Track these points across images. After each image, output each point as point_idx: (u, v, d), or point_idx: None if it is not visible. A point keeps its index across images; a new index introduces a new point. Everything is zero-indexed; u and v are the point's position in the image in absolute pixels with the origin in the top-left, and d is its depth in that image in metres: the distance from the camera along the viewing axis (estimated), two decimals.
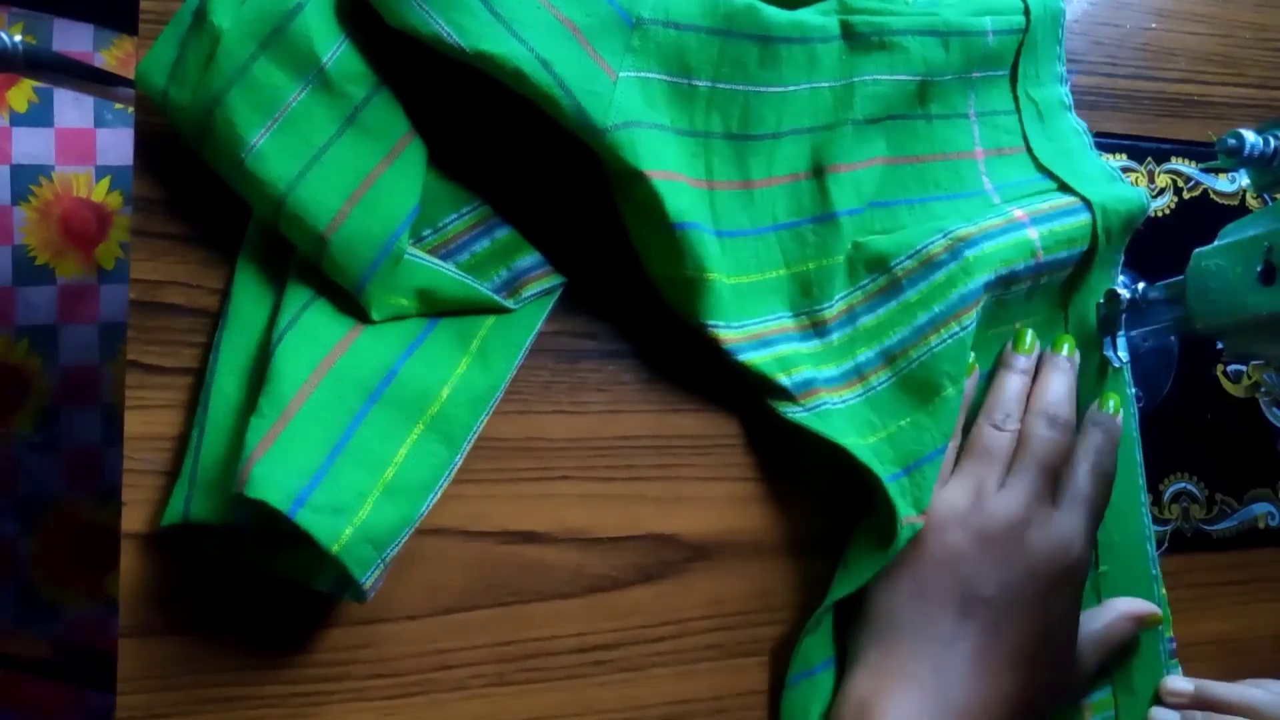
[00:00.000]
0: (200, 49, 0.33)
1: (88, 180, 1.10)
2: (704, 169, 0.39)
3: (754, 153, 0.40)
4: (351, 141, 0.34)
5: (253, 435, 0.31)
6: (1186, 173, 0.49)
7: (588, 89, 0.34)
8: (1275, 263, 0.35)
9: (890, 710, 0.35)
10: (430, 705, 0.36)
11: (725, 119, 0.39)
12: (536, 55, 0.33)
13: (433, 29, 0.33)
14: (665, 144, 0.37)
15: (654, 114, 0.37)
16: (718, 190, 0.39)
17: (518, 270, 0.38)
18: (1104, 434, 0.40)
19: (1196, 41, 0.51)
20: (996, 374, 0.41)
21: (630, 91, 0.35)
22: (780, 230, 0.41)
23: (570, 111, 0.34)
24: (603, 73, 0.35)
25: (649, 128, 0.36)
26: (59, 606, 1.07)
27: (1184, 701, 0.42)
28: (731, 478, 0.40)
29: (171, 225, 0.36)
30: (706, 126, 0.39)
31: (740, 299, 0.39)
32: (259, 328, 0.35)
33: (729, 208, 0.40)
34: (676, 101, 0.37)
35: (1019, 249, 0.40)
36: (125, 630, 0.34)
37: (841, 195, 0.41)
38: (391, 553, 0.32)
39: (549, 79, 0.33)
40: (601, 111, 0.34)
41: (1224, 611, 0.47)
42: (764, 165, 0.40)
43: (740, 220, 0.40)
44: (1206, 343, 0.47)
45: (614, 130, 0.35)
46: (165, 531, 0.34)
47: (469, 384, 0.36)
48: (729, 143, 0.39)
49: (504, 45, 0.33)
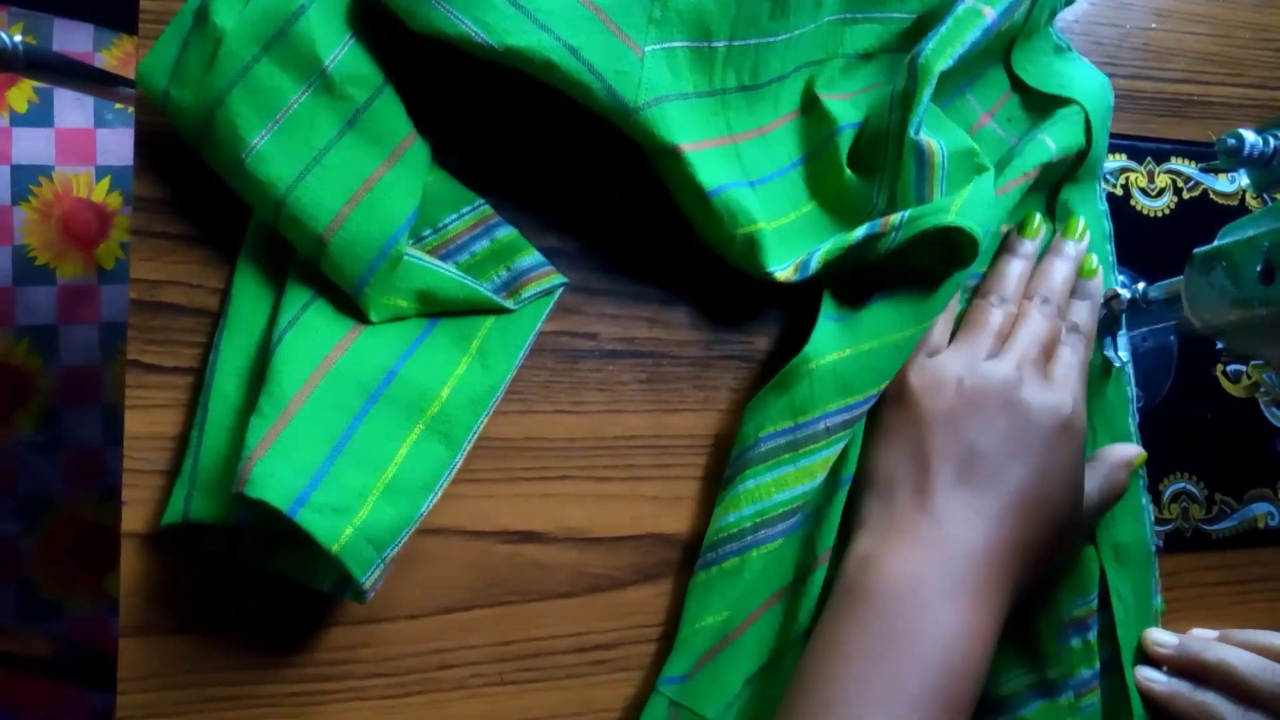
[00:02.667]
0: (202, 50, 0.33)
1: (88, 180, 1.10)
2: (724, 125, 0.40)
3: (762, 99, 0.41)
4: (352, 144, 0.34)
5: (253, 435, 0.31)
6: (1186, 173, 0.49)
7: (617, 69, 0.35)
8: (1275, 263, 0.35)
9: (893, 561, 0.35)
10: (430, 705, 0.36)
11: (739, 74, 0.40)
12: (564, 43, 0.34)
13: (460, 29, 0.33)
14: (691, 111, 0.38)
15: (679, 83, 0.37)
16: (740, 142, 0.40)
17: (518, 270, 0.38)
18: (1086, 308, 0.42)
19: (1196, 42, 0.51)
20: (999, 256, 0.43)
21: (657, 65, 0.36)
22: (798, 166, 0.42)
23: (602, 95, 0.34)
24: (630, 50, 0.35)
25: (675, 99, 0.37)
26: (60, 606, 1.07)
27: (1168, 653, 0.42)
28: None
29: (172, 225, 0.36)
30: (723, 84, 0.39)
31: (784, 240, 0.40)
32: (259, 328, 0.35)
33: (753, 156, 0.40)
34: (698, 66, 0.38)
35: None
36: (126, 630, 0.34)
37: (842, 112, 0.42)
38: (391, 552, 0.32)
39: (579, 66, 0.34)
40: (632, 91, 0.35)
41: (1223, 611, 0.47)
42: (771, 108, 0.41)
43: (765, 166, 0.41)
44: (1206, 343, 0.47)
45: (645, 109, 0.35)
46: (165, 531, 0.34)
47: (469, 384, 0.36)
48: (741, 95, 0.40)
49: (532, 38, 0.33)
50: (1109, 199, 0.46)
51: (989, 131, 0.45)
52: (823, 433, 0.37)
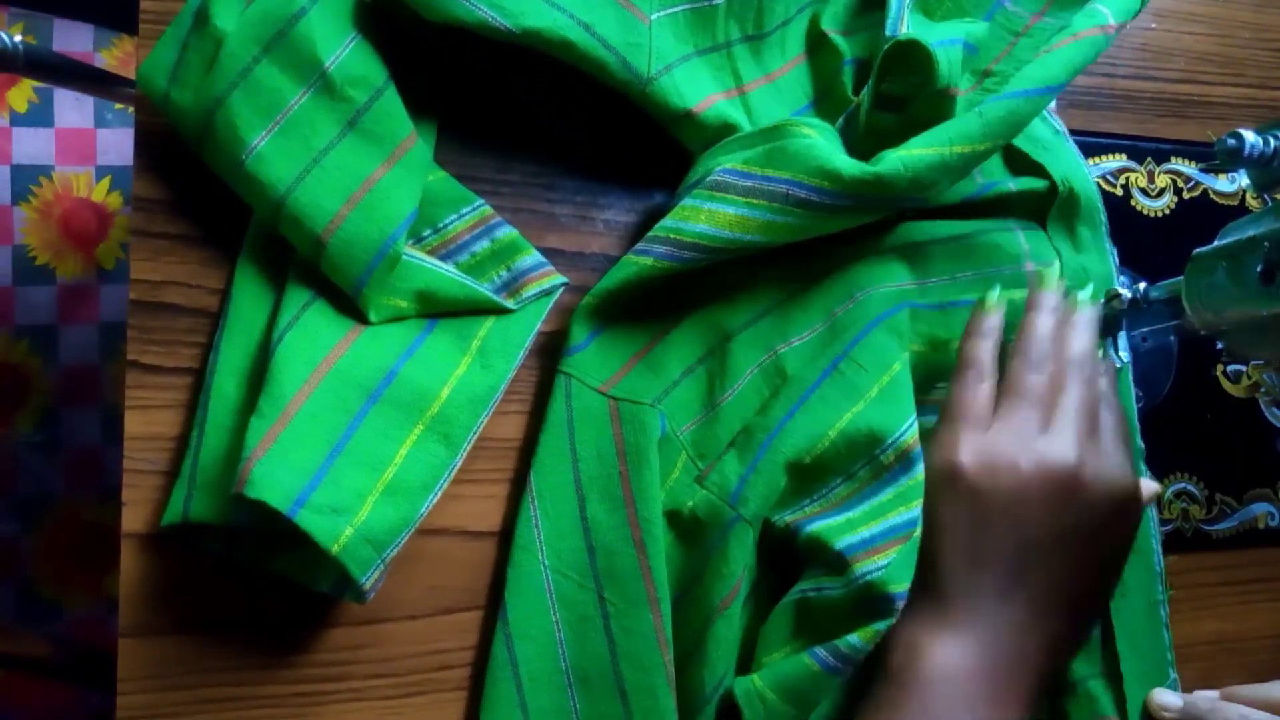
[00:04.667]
0: (202, 51, 0.33)
1: (88, 180, 1.10)
2: (731, 78, 0.40)
3: (768, 46, 0.41)
4: (352, 145, 0.34)
5: (252, 435, 0.31)
6: (1186, 173, 0.49)
7: (629, 42, 0.36)
8: (1275, 263, 0.35)
9: (939, 654, 0.34)
10: (431, 705, 0.36)
11: (742, 24, 0.40)
12: (578, 21, 0.35)
13: (477, 15, 0.33)
14: (697, 71, 0.38)
15: (682, 46, 0.38)
16: (748, 93, 0.41)
17: (518, 270, 0.38)
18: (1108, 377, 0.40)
19: (1195, 42, 0.51)
20: (1027, 313, 0.40)
21: (663, 33, 0.37)
22: (808, 110, 0.42)
23: (618, 69, 0.35)
24: (638, 21, 0.36)
25: (681, 62, 0.37)
26: (59, 606, 1.07)
27: (1172, 717, 0.41)
28: None
29: (172, 225, 0.36)
30: (727, 36, 0.40)
31: None
32: (259, 328, 0.35)
33: (762, 104, 0.41)
34: (699, 25, 0.39)
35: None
36: (125, 630, 0.34)
37: (848, 46, 0.42)
38: (391, 553, 0.32)
39: (594, 41, 0.35)
40: (644, 61, 0.36)
41: (1223, 612, 0.47)
42: (779, 54, 0.42)
43: (776, 110, 0.41)
44: (1206, 343, 0.47)
45: (657, 78, 0.36)
46: (165, 531, 0.34)
47: (469, 384, 0.36)
48: (746, 45, 0.41)
49: (547, 18, 0.34)
50: (1107, 199, 0.46)
51: (1041, 26, 0.44)
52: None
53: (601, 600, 0.35)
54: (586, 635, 0.35)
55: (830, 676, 0.34)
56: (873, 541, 0.35)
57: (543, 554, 0.36)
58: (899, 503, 0.36)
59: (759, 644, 0.36)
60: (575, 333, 0.37)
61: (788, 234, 0.36)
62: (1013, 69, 0.40)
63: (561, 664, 0.35)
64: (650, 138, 0.39)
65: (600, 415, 0.36)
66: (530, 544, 0.36)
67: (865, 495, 0.37)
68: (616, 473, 0.36)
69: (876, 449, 0.36)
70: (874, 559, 0.34)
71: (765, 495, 0.37)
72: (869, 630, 0.33)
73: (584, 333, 0.37)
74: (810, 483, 0.38)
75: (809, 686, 0.34)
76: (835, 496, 0.37)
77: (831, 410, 0.38)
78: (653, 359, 0.38)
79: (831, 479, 0.37)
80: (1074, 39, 0.38)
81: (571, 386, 0.37)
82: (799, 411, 0.38)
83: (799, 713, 0.34)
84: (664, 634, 0.35)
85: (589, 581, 0.36)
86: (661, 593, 0.35)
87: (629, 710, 0.35)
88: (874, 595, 0.34)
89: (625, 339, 0.38)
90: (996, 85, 0.41)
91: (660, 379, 0.37)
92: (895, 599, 0.33)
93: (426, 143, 0.37)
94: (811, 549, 0.36)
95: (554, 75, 0.39)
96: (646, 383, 0.37)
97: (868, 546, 0.35)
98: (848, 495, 0.37)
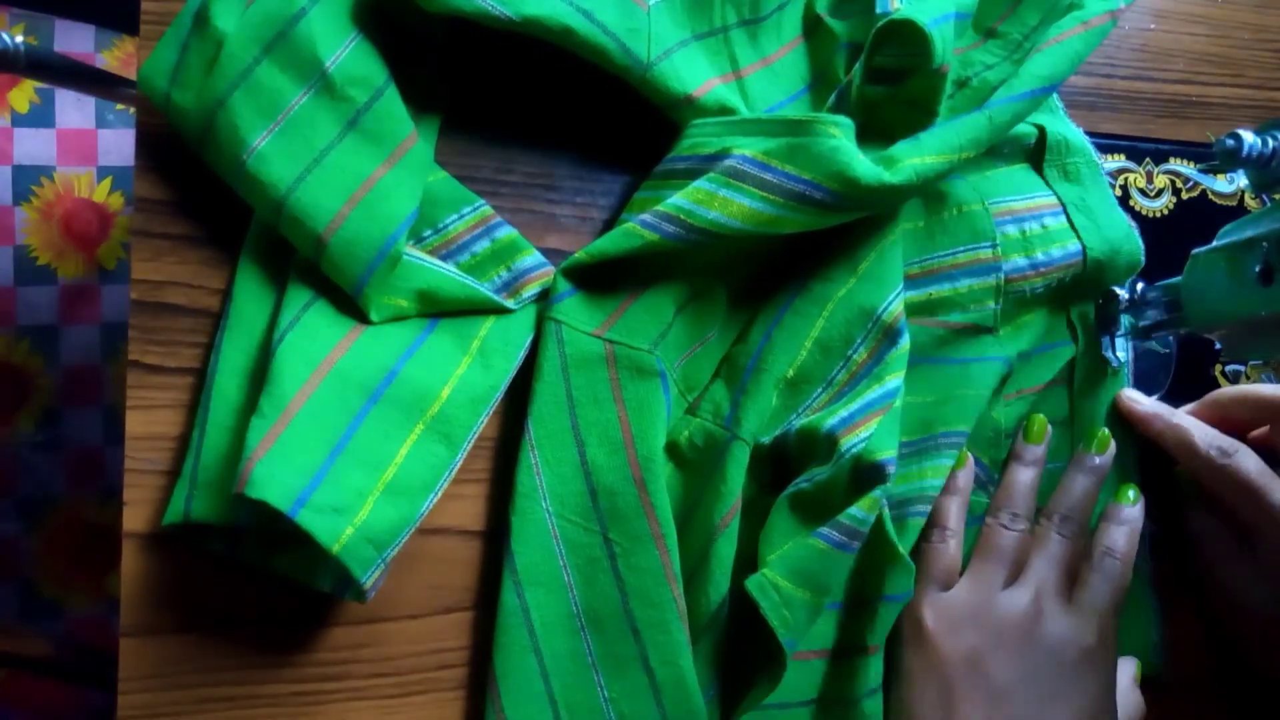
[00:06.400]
0: (203, 52, 0.33)
1: (89, 181, 1.10)
2: (728, 62, 0.41)
3: (764, 30, 0.42)
4: (352, 145, 0.34)
5: (253, 435, 0.31)
6: (1185, 173, 0.49)
7: (629, 27, 0.36)
8: (1274, 263, 0.35)
9: None
10: (431, 704, 0.36)
11: (738, 9, 0.41)
12: (577, 8, 0.35)
13: (477, 5, 0.34)
14: (696, 56, 0.39)
15: (680, 31, 0.38)
16: (745, 77, 0.41)
17: (518, 270, 0.38)
18: (1125, 534, 0.40)
19: (1195, 42, 0.51)
20: (1007, 465, 0.41)
21: (661, 18, 0.37)
22: (804, 95, 0.42)
23: (618, 55, 0.36)
24: (637, 7, 0.36)
25: (679, 47, 0.38)
26: (60, 606, 1.07)
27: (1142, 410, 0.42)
28: None
29: (173, 226, 0.36)
30: (723, 21, 0.41)
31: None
32: (260, 328, 0.35)
33: (759, 88, 0.41)
34: (696, 10, 0.40)
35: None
36: (126, 629, 0.34)
37: (844, 30, 0.42)
38: (392, 552, 0.32)
39: (594, 28, 0.35)
40: (644, 47, 0.36)
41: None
42: (775, 37, 0.42)
43: (772, 95, 0.41)
44: (1206, 343, 0.47)
45: (657, 64, 0.36)
46: (166, 531, 0.34)
47: (469, 384, 0.36)
48: (743, 29, 0.41)
49: (547, 5, 0.34)
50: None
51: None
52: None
53: (607, 541, 0.36)
54: (595, 577, 0.36)
55: (840, 553, 0.34)
56: (853, 418, 0.36)
57: (545, 500, 0.36)
58: (874, 381, 0.37)
59: (761, 546, 0.36)
60: (560, 283, 0.37)
61: (791, 229, 0.36)
62: (1018, 33, 0.39)
63: (573, 608, 0.36)
64: (650, 138, 0.39)
65: (595, 359, 0.37)
66: (533, 490, 0.36)
67: (847, 390, 0.38)
68: (615, 416, 0.36)
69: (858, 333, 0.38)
70: (857, 432, 0.35)
71: (758, 414, 0.37)
72: (868, 499, 0.34)
73: (568, 284, 0.37)
74: (796, 397, 0.38)
75: (820, 567, 0.34)
76: (818, 404, 0.38)
77: (805, 321, 0.38)
78: (648, 300, 0.38)
79: (813, 389, 0.38)
80: (1084, 28, 0.39)
81: (563, 333, 0.37)
82: (775, 330, 0.38)
83: (813, 597, 0.34)
84: (671, 568, 0.35)
85: (593, 524, 0.36)
86: (666, 529, 0.35)
87: (642, 647, 0.35)
88: (863, 465, 0.35)
89: (613, 288, 0.38)
90: (1001, 54, 0.40)
91: (657, 321, 0.37)
92: (884, 465, 0.34)
93: (427, 143, 0.37)
94: (802, 442, 0.37)
95: (554, 75, 0.39)
96: (644, 325, 0.37)
97: (849, 423, 0.36)
98: (828, 400, 0.38)
